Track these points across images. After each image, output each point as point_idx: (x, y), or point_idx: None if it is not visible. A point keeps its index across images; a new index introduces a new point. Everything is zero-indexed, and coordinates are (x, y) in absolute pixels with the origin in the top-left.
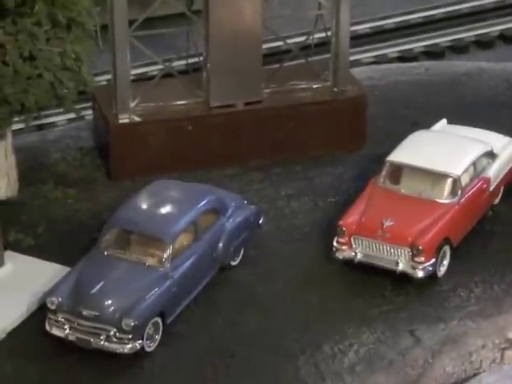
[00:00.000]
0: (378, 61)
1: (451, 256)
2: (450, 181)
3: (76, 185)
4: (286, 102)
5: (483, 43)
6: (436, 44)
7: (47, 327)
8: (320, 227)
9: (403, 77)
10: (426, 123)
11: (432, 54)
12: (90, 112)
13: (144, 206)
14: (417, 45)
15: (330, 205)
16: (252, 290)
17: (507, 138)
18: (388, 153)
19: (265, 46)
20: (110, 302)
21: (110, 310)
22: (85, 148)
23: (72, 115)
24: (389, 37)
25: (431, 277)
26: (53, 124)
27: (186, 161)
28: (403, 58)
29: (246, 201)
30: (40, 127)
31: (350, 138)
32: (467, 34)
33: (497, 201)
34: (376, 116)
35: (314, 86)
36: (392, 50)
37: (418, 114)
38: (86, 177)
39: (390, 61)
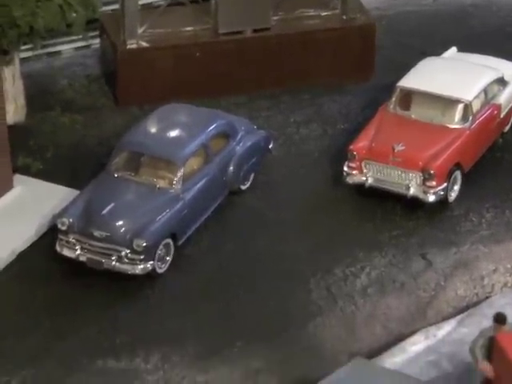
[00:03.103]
0: None
1: (462, 182)
2: (461, 106)
3: (83, 111)
4: (295, 30)
5: None
6: None
7: (57, 248)
8: (329, 153)
9: (410, 7)
10: (433, 52)
11: None
12: (96, 41)
13: (154, 129)
14: None
15: (339, 132)
16: (262, 214)
17: None
18: (396, 82)
19: None
20: (121, 222)
21: (122, 230)
22: (92, 75)
23: (78, 44)
24: None
25: (442, 202)
26: (59, 53)
27: (193, 88)
28: None
29: (256, 126)
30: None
31: (358, 66)
32: None
33: (507, 128)
34: (383, 46)
35: (323, 14)
36: None
37: (426, 43)
38: (93, 103)
39: None
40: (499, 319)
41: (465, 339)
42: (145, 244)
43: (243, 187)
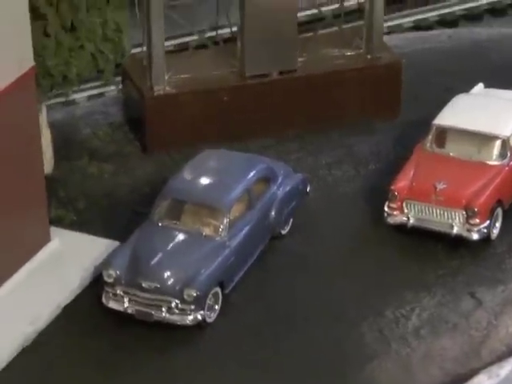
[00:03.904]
0: (392, 31)
1: (503, 218)
2: (499, 142)
3: (110, 159)
4: (321, 70)
5: (496, 10)
6: (451, 12)
7: (104, 301)
8: (364, 194)
9: (427, 44)
10: (457, 88)
11: (447, 22)
12: (110, 88)
13: (195, 176)
14: (431, 14)
15: (371, 172)
16: (305, 258)
17: None
18: (424, 118)
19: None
20: (170, 273)
21: (171, 281)
22: (115, 123)
23: (92, 92)
24: (402, 6)
25: (484, 240)
26: (73, 102)
27: (221, 132)
28: (418, 27)
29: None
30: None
31: (385, 104)
32: (481, 1)
33: None
34: (406, 83)
35: (348, 54)
36: (407, 20)
37: (448, 79)
38: (119, 151)
39: (405, 30)
40: None
41: None
42: (195, 294)
43: (283, 232)
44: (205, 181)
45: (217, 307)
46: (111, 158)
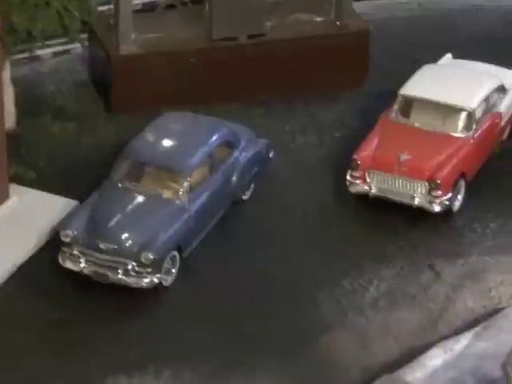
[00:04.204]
0: None
1: (465, 191)
2: (464, 114)
3: (74, 118)
4: (289, 35)
5: None
6: None
7: (60, 261)
8: (328, 162)
9: (396, 12)
10: (425, 59)
11: None
12: (76, 45)
13: (158, 138)
14: None
15: (336, 140)
16: (265, 225)
17: None
18: (389, 89)
19: None
20: (128, 235)
21: (129, 243)
22: (80, 81)
23: (57, 48)
24: None
25: (446, 212)
26: (38, 58)
27: (187, 94)
28: None
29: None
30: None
31: (352, 73)
32: None
33: (505, 137)
34: (374, 53)
35: (317, 20)
36: None
37: (416, 50)
38: (83, 110)
39: None
40: None
41: (484, 353)
42: (153, 257)
43: (245, 197)
44: (166, 143)
45: (174, 271)
46: (75, 116)
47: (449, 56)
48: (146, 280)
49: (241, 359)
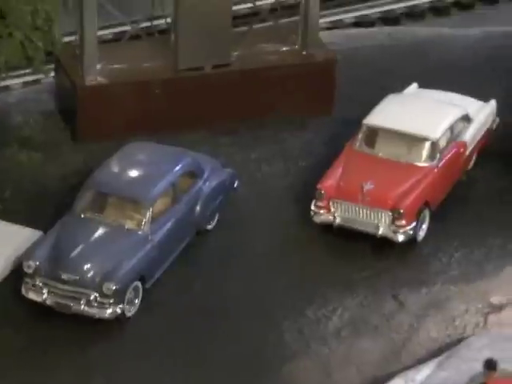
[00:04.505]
0: (334, 26)
1: (429, 220)
2: (428, 144)
3: (41, 148)
4: (255, 65)
5: (439, 10)
6: (392, 10)
7: (23, 292)
8: (293, 191)
9: (366, 41)
10: (393, 87)
11: (388, 20)
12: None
13: (121, 168)
14: (373, 11)
15: (302, 169)
16: (230, 254)
17: (480, 103)
18: (357, 117)
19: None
20: (90, 265)
21: (91, 273)
22: (47, 111)
23: (27, 78)
24: (344, 2)
25: (411, 241)
26: (7, 88)
27: (153, 124)
28: (359, 23)
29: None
30: None
31: (319, 102)
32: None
33: (471, 166)
34: (342, 81)
35: (283, 49)
36: (348, 16)
37: (384, 78)
38: (50, 140)
39: (347, 26)
40: (491, 365)
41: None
42: (114, 287)
43: (209, 227)
44: (129, 174)
45: (137, 301)
46: (41, 146)
47: (414, 85)
48: (109, 311)
49: None
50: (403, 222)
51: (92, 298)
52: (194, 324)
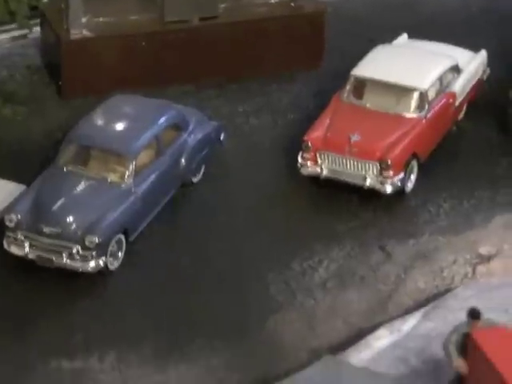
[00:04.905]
0: None
1: (418, 172)
2: (416, 95)
3: (26, 103)
4: (243, 18)
5: None
6: None
7: (5, 245)
8: (281, 144)
9: None
10: (382, 40)
11: None
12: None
13: (104, 121)
14: None
15: (290, 122)
16: (215, 208)
17: (470, 53)
18: (346, 69)
19: None
20: (72, 218)
21: (73, 226)
22: (32, 66)
23: (14, 33)
24: None
25: (399, 192)
26: None
27: (139, 78)
28: None
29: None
30: None
31: (308, 55)
32: None
33: (461, 116)
34: (331, 34)
35: (271, 1)
36: None
37: (374, 31)
38: (35, 95)
39: None
40: (474, 315)
41: (431, 334)
42: (97, 240)
43: (195, 180)
44: (112, 126)
45: (120, 255)
46: (26, 101)
47: (404, 36)
48: (92, 264)
49: (188, 341)
50: (391, 173)
51: (74, 251)
52: (178, 278)
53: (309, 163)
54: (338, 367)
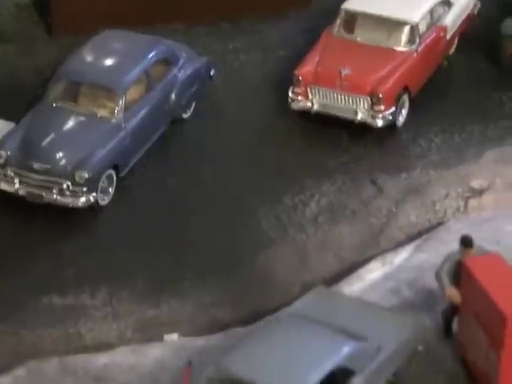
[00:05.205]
0: None
1: (409, 106)
2: (407, 28)
3: (15, 41)
4: None
5: None
6: None
7: None
8: (272, 80)
9: None
10: None
11: None
12: None
13: (93, 57)
14: None
15: (280, 58)
16: (206, 144)
17: None
18: (336, 7)
19: None
20: (61, 154)
21: (63, 162)
22: (21, 3)
23: None
24: None
25: (390, 127)
26: None
27: (130, 15)
28: None
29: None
30: None
31: None
32: None
33: (452, 50)
34: None
35: None
36: None
37: None
38: (24, 33)
39: None
40: (466, 242)
41: (423, 265)
42: (87, 175)
43: (185, 116)
44: (102, 62)
45: (111, 190)
46: (15, 39)
47: None
48: (82, 199)
49: (180, 276)
50: (382, 107)
51: (64, 186)
52: (169, 215)
53: (299, 98)
54: (330, 297)
